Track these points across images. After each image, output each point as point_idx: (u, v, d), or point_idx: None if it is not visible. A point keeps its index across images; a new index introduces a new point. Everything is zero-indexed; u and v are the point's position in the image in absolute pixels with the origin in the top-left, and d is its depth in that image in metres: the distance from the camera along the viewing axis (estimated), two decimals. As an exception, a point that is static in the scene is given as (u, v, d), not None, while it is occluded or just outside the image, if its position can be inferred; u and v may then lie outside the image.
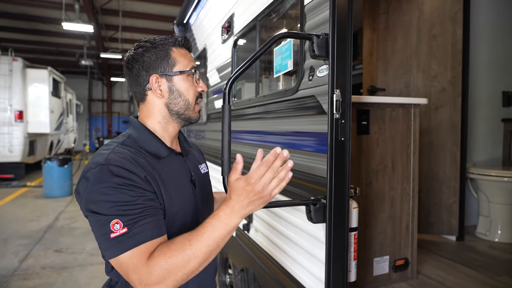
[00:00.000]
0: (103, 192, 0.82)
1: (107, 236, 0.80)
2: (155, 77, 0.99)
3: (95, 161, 0.87)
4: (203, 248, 0.80)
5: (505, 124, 3.27)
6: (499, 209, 2.77)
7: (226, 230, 0.82)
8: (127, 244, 0.79)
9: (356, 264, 1.39)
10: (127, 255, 0.79)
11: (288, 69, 1.50)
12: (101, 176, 0.83)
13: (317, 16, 1.29)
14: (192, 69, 1.03)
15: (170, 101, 1.01)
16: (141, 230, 0.81)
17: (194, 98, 1.04)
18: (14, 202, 6.54)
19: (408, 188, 1.93)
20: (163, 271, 0.78)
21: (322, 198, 1.22)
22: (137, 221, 0.81)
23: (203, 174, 1.16)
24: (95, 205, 0.82)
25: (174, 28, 3.85)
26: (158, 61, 1.00)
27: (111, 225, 0.80)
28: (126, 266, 0.80)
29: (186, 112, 1.03)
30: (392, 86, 2.91)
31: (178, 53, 1.02)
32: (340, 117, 1.18)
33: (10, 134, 8.16)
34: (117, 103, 21.47)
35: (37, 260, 3.75)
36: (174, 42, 1.03)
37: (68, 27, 9.27)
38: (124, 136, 1.01)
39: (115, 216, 0.80)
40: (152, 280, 0.77)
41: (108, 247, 0.81)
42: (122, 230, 0.80)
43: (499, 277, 2.07)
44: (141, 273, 0.78)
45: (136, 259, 0.79)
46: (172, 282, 0.79)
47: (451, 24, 2.68)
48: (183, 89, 1.01)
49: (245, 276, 2.16)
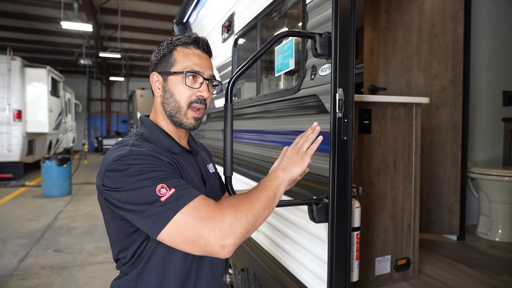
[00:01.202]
0: (137, 173, 0.81)
1: (157, 203, 0.78)
2: (155, 75, 1.02)
3: (116, 155, 0.86)
4: (267, 199, 0.86)
5: (506, 124, 3.27)
6: (499, 209, 2.77)
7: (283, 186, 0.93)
8: (183, 200, 0.78)
9: (358, 264, 1.39)
10: (191, 208, 0.77)
11: (290, 68, 1.49)
12: (130, 161, 0.83)
13: (319, 14, 1.28)
14: (189, 72, 0.98)
15: (164, 100, 1.01)
16: (188, 187, 0.82)
17: (187, 102, 0.99)
18: (13, 202, 6.52)
19: (409, 188, 1.93)
20: (237, 214, 0.79)
21: (325, 198, 1.21)
22: (180, 182, 0.83)
23: (211, 173, 1.16)
24: (132, 185, 0.80)
25: (174, 27, 3.83)
26: (162, 59, 1.01)
27: (157, 191, 0.78)
28: (192, 218, 0.77)
29: (177, 115, 1.00)
30: (393, 85, 2.90)
31: (182, 53, 1.00)
32: (343, 116, 1.17)
33: (9, 133, 8.14)
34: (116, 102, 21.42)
35: (36, 260, 3.74)
36: (181, 41, 1.01)
37: (67, 26, 9.24)
38: (136, 135, 1.00)
39: (157, 184, 0.79)
40: (227, 223, 0.77)
41: (161, 213, 0.77)
42: (170, 191, 0.79)
43: (500, 277, 2.07)
44: (213, 217, 0.77)
45: (203, 207, 0.78)
46: (244, 228, 0.79)
47: (452, 23, 2.67)
48: (175, 90, 0.99)
49: (245, 275, 2.15)
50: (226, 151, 1.05)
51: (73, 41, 14.16)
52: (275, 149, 1.64)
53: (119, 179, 0.82)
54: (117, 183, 0.82)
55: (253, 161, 1.91)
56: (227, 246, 0.77)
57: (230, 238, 0.77)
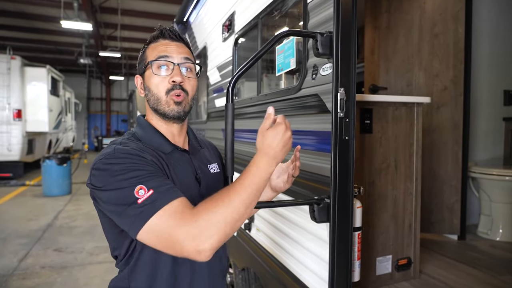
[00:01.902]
0: (118, 173, 0.82)
1: (134, 204, 0.78)
2: (138, 78, 1.06)
3: (103, 153, 0.90)
4: (248, 192, 0.81)
5: (507, 123, 3.27)
6: (500, 208, 2.77)
7: (265, 175, 0.84)
8: (159, 202, 0.78)
9: (359, 264, 1.38)
10: (167, 211, 0.77)
11: (291, 67, 1.49)
12: (112, 160, 0.85)
13: (320, 14, 1.27)
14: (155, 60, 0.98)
15: (147, 98, 1.03)
16: (167, 189, 0.81)
17: (164, 90, 0.98)
18: (13, 201, 6.51)
19: (411, 188, 1.93)
20: (212, 217, 0.76)
21: (326, 198, 1.21)
22: (160, 183, 0.82)
23: (212, 173, 1.13)
24: (113, 186, 0.81)
25: (174, 26, 3.83)
26: (139, 62, 1.06)
27: (135, 192, 0.79)
28: (167, 223, 0.76)
29: (159, 106, 1.00)
30: (394, 85, 2.90)
31: (150, 49, 1.02)
32: (344, 116, 1.16)
33: (9, 132, 8.13)
34: (116, 101, 21.42)
35: (36, 259, 3.74)
36: (151, 38, 1.04)
37: (66, 25, 9.24)
38: (129, 134, 1.03)
39: (136, 185, 0.80)
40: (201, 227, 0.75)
41: (137, 214, 0.78)
42: (148, 193, 0.79)
43: (501, 276, 2.06)
44: (188, 223, 0.76)
45: (178, 211, 0.77)
46: (222, 230, 0.77)
47: (453, 23, 2.67)
48: (151, 84, 1.00)
49: (246, 275, 2.15)
50: (227, 151, 1.05)
51: (73, 40, 14.15)
52: (276, 148, 1.63)
53: (102, 178, 0.84)
54: (100, 182, 0.84)
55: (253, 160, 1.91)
56: (203, 251, 0.75)
57: (205, 243, 0.75)
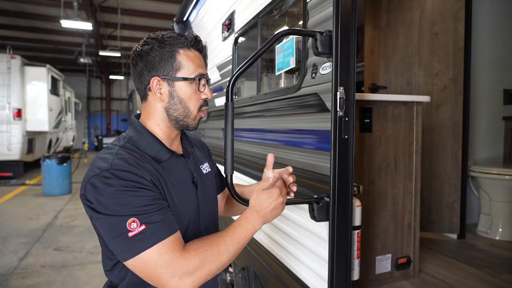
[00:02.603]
0: (114, 196, 0.80)
1: (124, 236, 0.78)
2: (156, 79, 0.95)
3: (98, 165, 0.85)
4: (234, 245, 0.88)
5: (506, 122, 3.27)
6: (500, 207, 2.77)
7: (251, 232, 0.93)
8: (150, 241, 0.78)
9: (359, 263, 1.38)
10: (155, 251, 0.79)
11: (290, 66, 1.49)
12: (108, 181, 0.81)
13: (320, 12, 1.27)
14: (198, 76, 0.96)
15: (170, 106, 0.96)
16: (160, 226, 0.80)
17: (197, 106, 0.98)
18: (13, 201, 6.52)
19: (410, 187, 1.93)
20: (199, 262, 0.81)
21: (326, 196, 1.21)
22: (154, 218, 0.81)
23: (204, 174, 1.12)
24: (107, 209, 0.80)
25: (174, 25, 3.83)
26: (162, 62, 0.94)
27: (127, 224, 0.78)
28: (154, 262, 0.78)
29: (185, 119, 0.98)
30: (393, 84, 2.90)
31: (185, 56, 0.96)
32: (344, 115, 1.17)
33: (9, 132, 8.14)
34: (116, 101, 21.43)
35: (36, 258, 3.74)
36: (183, 43, 0.95)
37: (66, 24, 9.24)
38: (125, 138, 0.97)
39: (129, 216, 0.79)
40: (189, 270, 0.80)
41: (126, 247, 0.78)
42: (140, 227, 0.78)
43: (500, 275, 2.07)
44: (175, 264, 0.79)
45: (168, 253, 0.79)
46: (205, 275, 0.83)
47: (453, 22, 2.67)
48: (185, 96, 0.96)
49: (246, 274, 2.15)
50: (227, 150, 1.05)
51: (73, 39, 14.15)
52: (276, 147, 1.64)
53: (95, 196, 0.81)
54: (93, 199, 0.82)
55: (254, 160, 1.91)
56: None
57: (188, 286, 0.80)
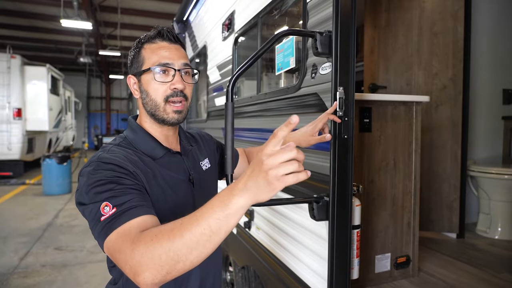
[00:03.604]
0: (94, 185, 0.82)
1: (98, 221, 0.78)
2: (130, 78, 1.02)
3: (90, 160, 0.90)
4: (194, 231, 0.64)
5: (505, 122, 3.27)
6: (499, 207, 2.78)
7: (223, 213, 0.63)
8: (116, 224, 0.75)
9: (358, 262, 1.39)
10: (113, 236, 0.74)
11: (290, 66, 1.50)
12: (92, 172, 0.84)
13: (320, 13, 1.28)
14: (157, 66, 0.96)
15: (143, 101, 1.00)
16: (129, 208, 0.78)
17: (163, 97, 0.97)
18: (13, 200, 6.52)
19: (409, 186, 1.93)
20: (145, 249, 0.66)
21: (325, 196, 1.22)
22: (125, 201, 0.79)
23: (204, 171, 1.13)
24: (87, 198, 0.82)
25: (174, 25, 3.83)
26: (133, 61, 1.01)
27: (101, 208, 0.78)
28: (112, 247, 0.73)
29: (157, 112, 0.98)
30: (393, 84, 2.91)
31: (149, 50, 0.98)
32: (343, 115, 1.17)
33: (9, 131, 8.14)
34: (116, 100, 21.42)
35: (37, 258, 3.75)
36: (147, 37, 1.00)
37: (66, 24, 9.23)
38: (121, 137, 1.01)
39: (104, 200, 0.79)
40: (135, 260, 0.66)
41: (100, 233, 0.77)
42: (112, 210, 0.77)
43: (499, 274, 2.07)
44: (125, 252, 0.69)
45: (121, 238, 0.72)
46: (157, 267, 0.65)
47: (453, 22, 2.68)
48: (149, 88, 0.97)
49: (246, 273, 2.16)
50: (227, 150, 1.06)
51: (73, 39, 14.15)
52: (276, 147, 1.64)
53: (80, 188, 0.85)
54: (79, 191, 0.85)
55: (254, 160, 1.91)
56: (143, 284, 0.67)
57: (140, 276, 0.66)
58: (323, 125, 1.17)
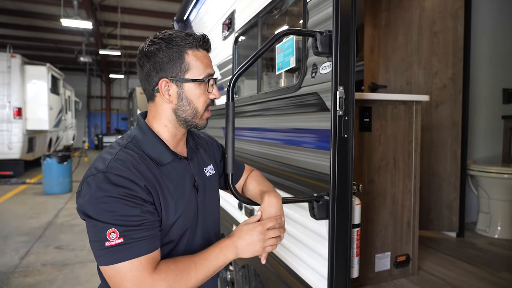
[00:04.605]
0: (102, 201, 0.80)
1: (102, 244, 0.79)
2: (164, 81, 0.93)
3: (96, 166, 0.86)
4: (204, 273, 0.87)
5: (505, 121, 3.28)
6: (499, 206, 2.78)
7: (224, 262, 0.90)
8: (124, 255, 0.79)
9: (358, 260, 1.40)
10: (126, 266, 0.79)
11: (291, 66, 1.50)
12: (101, 184, 0.82)
13: (320, 12, 1.28)
14: (207, 77, 0.96)
15: (179, 107, 0.96)
16: (139, 242, 0.81)
17: (204, 106, 0.98)
18: (14, 199, 6.53)
19: (409, 185, 1.94)
20: (167, 286, 0.81)
21: (325, 195, 1.22)
22: (135, 233, 0.81)
23: (208, 177, 1.10)
24: (94, 212, 0.81)
25: (174, 24, 3.83)
26: (170, 63, 0.93)
27: (107, 233, 0.79)
28: (123, 275, 0.79)
29: (193, 119, 0.98)
30: (393, 83, 2.91)
31: (194, 57, 0.94)
32: (343, 114, 1.18)
33: (9, 131, 8.14)
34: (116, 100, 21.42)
35: (37, 257, 3.76)
36: (191, 43, 0.94)
37: (66, 23, 9.24)
38: (129, 137, 0.97)
39: (112, 225, 0.79)
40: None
41: (101, 255, 0.80)
42: (118, 240, 0.79)
43: (499, 273, 2.08)
44: (142, 284, 0.79)
45: (138, 271, 0.80)
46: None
47: (452, 21, 2.68)
48: (193, 97, 0.95)
49: (246, 272, 2.16)
50: (228, 149, 1.07)
51: (73, 38, 14.15)
52: (276, 146, 1.65)
53: (87, 197, 0.82)
54: (85, 199, 0.83)
55: (254, 159, 1.92)
56: None
57: None
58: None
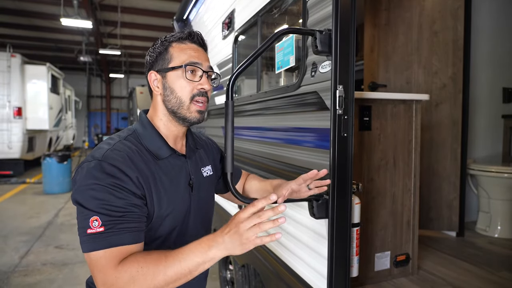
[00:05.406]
0: (92, 188, 0.83)
1: (84, 230, 0.81)
2: (152, 73, 1.02)
3: (93, 154, 0.89)
4: (175, 269, 0.78)
5: (505, 121, 3.28)
6: (499, 205, 2.78)
7: (201, 259, 0.79)
8: (100, 244, 0.80)
9: (358, 260, 1.40)
10: (98, 254, 0.80)
11: (290, 65, 1.50)
12: (94, 171, 0.84)
13: (319, 11, 1.28)
14: (188, 64, 0.98)
15: (165, 97, 1.00)
16: (117, 233, 0.82)
17: (189, 96, 0.99)
18: (14, 199, 6.53)
19: (409, 184, 1.94)
20: (130, 279, 0.78)
21: (325, 194, 1.22)
22: (116, 224, 0.82)
23: (204, 177, 1.13)
24: (82, 198, 0.83)
25: (174, 24, 3.83)
26: (158, 57, 1.01)
27: (90, 220, 0.81)
28: (94, 264, 0.81)
29: (179, 110, 1.00)
30: (393, 83, 2.91)
31: (178, 48, 1.00)
32: (343, 113, 1.18)
33: (9, 130, 8.14)
34: (116, 99, 21.41)
35: (37, 256, 3.76)
36: (176, 37, 1.01)
37: (66, 23, 9.24)
38: (129, 130, 1.01)
39: (96, 213, 0.81)
40: (117, 283, 0.78)
41: (83, 241, 0.82)
42: (99, 228, 0.80)
43: (499, 273, 2.08)
44: (106, 275, 0.79)
45: (105, 260, 0.80)
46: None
47: (452, 21, 2.68)
48: (176, 86, 0.99)
49: (246, 272, 2.16)
50: (227, 148, 1.06)
51: (73, 38, 14.14)
52: (276, 145, 1.65)
53: (79, 182, 0.85)
54: (77, 184, 0.85)
55: (254, 158, 1.92)
56: None
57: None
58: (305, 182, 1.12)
